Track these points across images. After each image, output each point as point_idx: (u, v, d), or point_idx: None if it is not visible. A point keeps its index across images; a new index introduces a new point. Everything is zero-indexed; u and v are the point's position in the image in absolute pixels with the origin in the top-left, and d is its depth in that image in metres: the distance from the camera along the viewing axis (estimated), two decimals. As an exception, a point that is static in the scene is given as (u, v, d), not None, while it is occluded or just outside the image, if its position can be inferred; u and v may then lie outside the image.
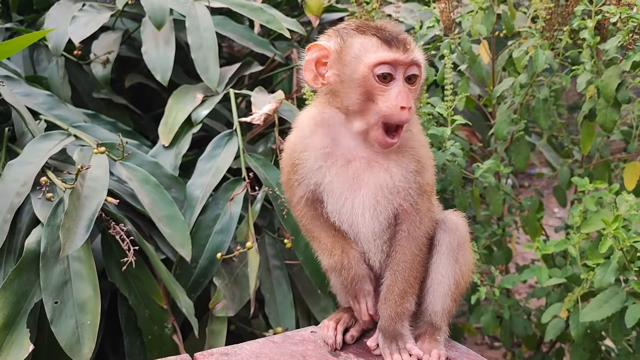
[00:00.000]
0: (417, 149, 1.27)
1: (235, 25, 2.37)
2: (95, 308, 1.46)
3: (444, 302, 1.29)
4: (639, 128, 2.01)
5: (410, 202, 1.24)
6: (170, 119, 2.01)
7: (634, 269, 1.53)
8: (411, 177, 1.24)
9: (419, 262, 1.27)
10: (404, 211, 1.25)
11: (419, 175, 1.25)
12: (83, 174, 1.59)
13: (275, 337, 1.34)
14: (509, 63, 2.14)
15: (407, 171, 1.24)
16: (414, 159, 1.25)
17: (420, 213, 1.25)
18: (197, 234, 1.78)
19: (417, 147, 1.27)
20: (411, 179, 1.24)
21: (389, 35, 1.17)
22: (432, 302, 1.30)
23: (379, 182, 1.23)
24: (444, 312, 1.30)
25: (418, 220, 1.26)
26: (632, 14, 1.57)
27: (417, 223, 1.26)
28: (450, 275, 1.29)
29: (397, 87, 1.16)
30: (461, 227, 1.32)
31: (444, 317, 1.30)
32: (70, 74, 2.31)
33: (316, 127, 1.27)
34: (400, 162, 1.24)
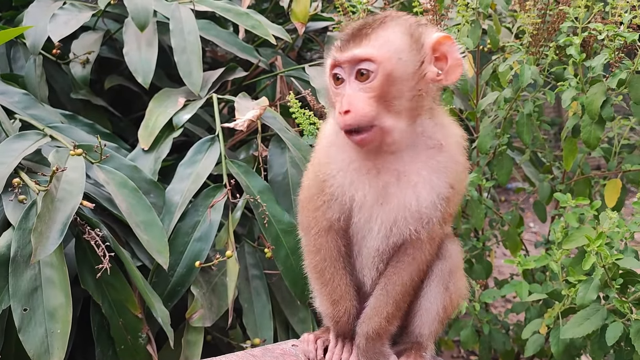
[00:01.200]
0: (454, 173, 1.12)
1: (219, 30, 2.34)
2: (66, 316, 1.40)
3: (431, 325, 1.25)
4: (620, 146, 2.03)
5: (428, 230, 1.12)
6: (151, 123, 1.96)
7: (615, 286, 1.53)
8: (440, 204, 1.10)
9: (413, 288, 1.19)
10: (417, 237, 1.14)
11: (448, 203, 1.11)
12: (58, 176, 1.54)
13: (254, 350, 1.30)
14: (492, 77, 2.15)
15: (437, 197, 1.10)
16: (447, 183, 1.11)
17: (432, 241, 1.16)
18: (175, 241, 1.73)
19: (454, 169, 1.11)
20: (439, 207, 1.10)
21: (344, 35, 1.08)
22: (419, 326, 1.25)
23: (405, 201, 1.10)
24: (431, 334, 1.26)
25: (427, 248, 1.16)
26: (619, 31, 1.58)
27: (425, 250, 1.16)
28: (439, 302, 1.23)
29: (344, 90, 1.05)
30: (454, 254, 1.25)
31: (431, 337, 1.27)
32: (48, 73, 2.25)
33: (337, 137, 1.13)
34: (432, 183, 1.10)
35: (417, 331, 1.26)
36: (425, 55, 1.06)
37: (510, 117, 2.02)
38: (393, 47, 1.04)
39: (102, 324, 1.63)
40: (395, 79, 1.03)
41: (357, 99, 1.03)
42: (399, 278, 1.16)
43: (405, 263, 1.17)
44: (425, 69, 1.05)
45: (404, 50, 1.04)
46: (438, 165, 1.10)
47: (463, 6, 1.94)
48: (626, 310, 1.49)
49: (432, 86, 1.08)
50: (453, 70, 1.06)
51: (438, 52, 1.06)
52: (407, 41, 1.05)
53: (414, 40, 1.05)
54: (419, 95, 1.05)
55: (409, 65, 1.04)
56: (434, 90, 1.09)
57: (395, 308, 1.17)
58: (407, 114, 1.06)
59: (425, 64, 1.05)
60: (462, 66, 1.07)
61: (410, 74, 1.04)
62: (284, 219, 1.80)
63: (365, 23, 1.07)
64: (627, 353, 1.61)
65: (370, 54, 1.03)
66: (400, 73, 1.04)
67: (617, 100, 1.79)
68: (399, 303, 1.17)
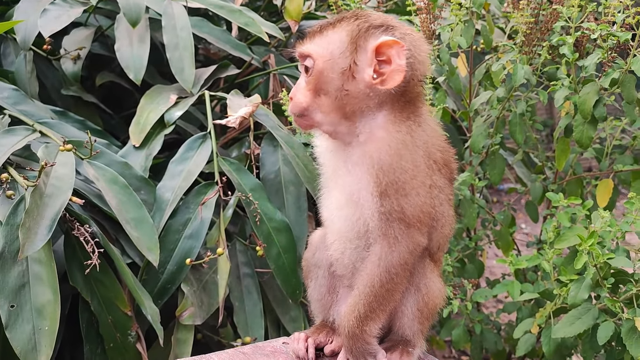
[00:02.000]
0: (379, 164, 1.09)
1: (212, 28, 2.33)
2: (54, 313, 1.38)
3: (411, 326, 1.23)
4: (612, 146, 2.04)
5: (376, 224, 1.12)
6: (142, 119, 1.94)
7: (607, 285, 1.53)
8: (370, 196, 1.10)
9: (388, 292, 1.14)
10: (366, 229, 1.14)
11: (384, 197, 1.09)
12: (47, 172, 1.52)
13: (245, 348, 1.29)
14: (486, 77, 2.15)
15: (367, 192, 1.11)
16: (369, 175, 1.10)
17: (389, 239, 1.12)
18: (165, 238, 1.71)
19: (379, 160, 1.09)
20: (374, 201, 1.10)
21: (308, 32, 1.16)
22: (400, 326, 1.24)
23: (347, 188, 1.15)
24: (414, 333, 1.24)
25: (388, 247, 1.12)
26: (612, 31, 1.59)
27: (388, 250, 1.12)
28: (413, 302, 1.21)
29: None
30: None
31: (416, 336, 1.25)
32: (38, 69, 2.22)
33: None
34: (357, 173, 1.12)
35: (401, 332, 1.25)
36: (362, 58, 1.09)
37: (503, 116, 2.02)
38: (329, 47, 1.10)
39: (91, 321, 1.62)
40: (325, 76, 1.10)
41: (298, 90, 1.14)
42: (369, 280, 1.14)
43: (373, 264, 1.14)
44: (355, 71, 1.09)
45: (337, 51, 1.09)
46: (370, 160, 1.10)
47: (456, 5, 1.94)
48: (617, 309, 1.49)
49: (369, 90, 1.09)
50: (392, 76, 1.08)
51: (384, 55, 1.08)
52: (344, 43, 1.09)
53: (352, 42, 1.09)
54: (346, 95, 1.09)
55: (338, 66, 1.09)
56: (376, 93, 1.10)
57: (368, 310, 1.14)
58: (339, 110, 1.11)
59: (358, 66, 1.09)
60: (404, 72, 1.08)
61: (338, 74, 1.09)
62: (275, 217, 1.79)
63: (325, 22, 1.14)
64: (618, 353, 1.62)
65: (308, 51, 1.11)
66: (329, 72, 1.10)
67: (610, 101, 1.80)
68: (371, 305, 1.14)
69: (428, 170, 1.13)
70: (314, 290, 1.32)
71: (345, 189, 1.15)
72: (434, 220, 1.18)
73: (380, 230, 1.12)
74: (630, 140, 2.04)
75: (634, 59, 1.57)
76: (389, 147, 1.10)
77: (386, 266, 1.13)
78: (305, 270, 1.34)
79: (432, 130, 1.18)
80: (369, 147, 1.11)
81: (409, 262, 1.14)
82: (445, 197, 1.20)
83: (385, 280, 1.13)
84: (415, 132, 1.12)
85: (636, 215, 1.56)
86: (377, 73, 1.08)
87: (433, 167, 1.15)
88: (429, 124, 1.17)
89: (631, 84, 1.62)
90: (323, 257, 1.29)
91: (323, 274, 1.30)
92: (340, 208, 1.18)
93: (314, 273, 1.32)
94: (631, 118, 1.72)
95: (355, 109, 1.11)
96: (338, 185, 1.18)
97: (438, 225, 1.20)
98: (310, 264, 1.32)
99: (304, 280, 1.36)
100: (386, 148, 1.10)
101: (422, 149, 1.13)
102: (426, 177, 1.13)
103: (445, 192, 1.20)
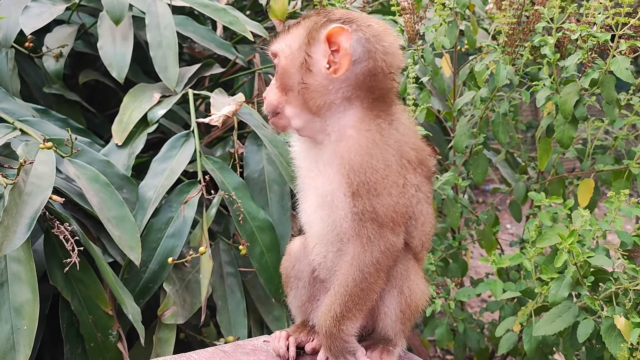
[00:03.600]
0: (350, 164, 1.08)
1: (197, 26, 2.32)
2: (33, 312, 1.37)
3: (394, 327, 1.23)
4: (593, 146, 2.06)
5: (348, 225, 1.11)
6: (125, 117, 1.93)
7: (587, 284, 1.54)
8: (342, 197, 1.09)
9: (362, 291, 1.13)
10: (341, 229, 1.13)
11: (356, 198, 1.08)
12: (27, 170, 1.50)
13: (225, 346, 1.29)
14: (470, 78, 2.16)
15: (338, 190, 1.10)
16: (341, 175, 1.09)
17: (362, 240, 1.11)
18: (147, 237, 1.70)
19: (349, 160, 1.08)
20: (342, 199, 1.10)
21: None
22: (383, 328, 1.24)
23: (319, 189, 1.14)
24: (396, 333, 1.24)
25: (361, 247, 1.11)
26: (592, 32, 1.60)
27: (361, 250, 1.11)
28: (395, 304, 1.20)
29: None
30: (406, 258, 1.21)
31: (398, 336, 1.25)
32: (20, 67, 2.20)
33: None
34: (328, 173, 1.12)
35: (383, 333, 1.25)
36: (316, 50, 1.09)
37: (486, 116, 2.03)
38: (290, 43, 1.12)
39: (72, 321, 1.60)
40: (287, 72, 1.12)
41: (269, 89, 1.16)
42: (343, 279, 1.13)
43: (347, 263, 1.13)
44: (311, 64, 1.09)
45: (295, 46, 1.11)
46: (341, 160, 1.09)
47: (440, 5, 1.95)
48: (597, 307, 1.51)
49: (329, 82, 1.09)
50: (341, 62, 1.08)
51: (335, 45, 1.08)
52: (301, 38, 1.11)
53: (309, 36, 1.10)
54: (306, 89, 1.10)
55: (296, 60, 1.11)
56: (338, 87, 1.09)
57: (344, 309, 1.13)
58: (304, 106, 1.11)
59: (312, 58, 1.09)
60: (350, 55, 1.07)
61: (297, 68, 1.11)
62: (259, 216, 1.79)
63: (293, 21, 1.16)
64: (598, 350, 1.63)
65: (274, 49, 1.14)
66: (289, 67, 1.12)
67: (591, 101, 1.81)
68: (347, 305, 1.13)
69: (401, 169, 1.12)
70: (295, 299, 1.31)
71: (318, 190, 1.15)
72: (413, 219, 1.18)
73: (353, 230, 1.11)
74: (612, 141, 2.06)
75: (613, 59, 1.59)
76: (359, 147, 1.09)
77: (359, 266, 1.12)
78: (285, 279, 1.32)
79: (405, 128, 1.16)
80: (340, 147, 1.10)
81: (382, 262, 1.13)
82: (423, 196, 1.19)
83: (359, 280, 1.12)
84: (385, 131, 1.11)
85: (616, 215, 1.58)
86: (331, 63, 1.08)
87: (407, 166, 1.13)
88: (402, 122, 1.16)
89: (611, 85, 1.64)
90: (304, 269, 1.28)
91: (303, 285, 1.29)
92: (316, 211, 1.17)
93: (293, 284, 1.30)
94: (611, 118, 1.73)
95: (320, 104, 1.10)
96: (312, 187, 1.17)
97: (418, 224, 1.20)
98: (290, 275, 1.30)
99: (284, 287, 1.34)
100: (356, 147, 1.09)
101: (394, 148, 1.11)
102: (399, 176, 1.11)
103: (423, 190, 1.19)
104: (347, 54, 1.07)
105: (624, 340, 1.41)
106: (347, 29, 1.07)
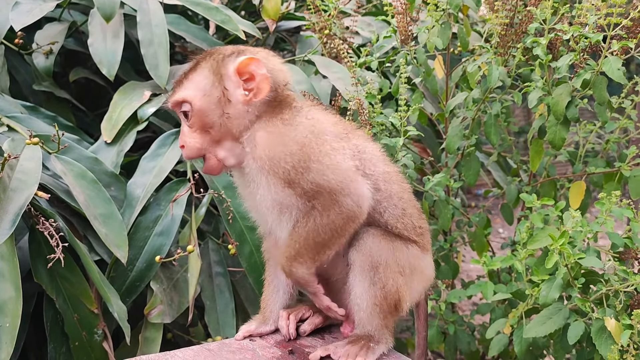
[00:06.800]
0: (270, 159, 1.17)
1: (189, 25, 2.31)
2: (16, 310, 1.34)
3: (371, 320, 1.24)
4: (585, 149, 2.06)
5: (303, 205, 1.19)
6: (115, 115, 1.91)
7: (577, 285, 1.53)
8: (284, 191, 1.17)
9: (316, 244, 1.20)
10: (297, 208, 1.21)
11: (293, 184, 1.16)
12: (12, 166, 1.48)
13: (211, 345, 1.27)
14: (462, 79, 2.16)
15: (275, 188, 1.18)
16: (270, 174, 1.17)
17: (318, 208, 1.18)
18: (135, 235, 1.68)
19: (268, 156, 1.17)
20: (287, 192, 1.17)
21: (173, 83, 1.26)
22: (360, 322, 1.26)
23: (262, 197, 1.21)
24: (376, 328, 1.25)
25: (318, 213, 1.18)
26: (584, 32, 1.60)
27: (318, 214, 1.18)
28: (367, 296, 1.23)
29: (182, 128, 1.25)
30: (375, 250, 1.24)
31: (380, 332, 1.25)
32: (9, 63, 2.18)
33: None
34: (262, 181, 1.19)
35: (362, 326, 1.26)
36: (229, 83, 1.19)
37: (479, 118, 2.02)
38: (198, 86, 1.21)
39: (56, 319, 1.58)
40: (205, 112, 1.20)
41: (186, 135, 1.22)
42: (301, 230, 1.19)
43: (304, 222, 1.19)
44: (229, 96, 1.19)
45: (207, 87, 1.20)
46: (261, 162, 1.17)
47: (433, 6, 1.94)
48: (588, 309, 1.50)
49: (247, 106, 1.20)
50: (261, 86, 1.19)
51: (246, 74, 1.19)
52: (210, 77, 1.20)
53: (216, 74, 1.20)
54: (229, 118, 1.19)
55: (213, 98, 1.20)
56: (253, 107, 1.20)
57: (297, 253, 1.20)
58: (228, 134, 1.21)
59: (229, 91, 1.19)
60: (269, 79, 1.19)
61: (215, 105, 1.20)
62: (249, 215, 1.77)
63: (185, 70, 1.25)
64: (588, 352, 1.62)
65: (183, 97, 1.21)
66: (207, 106, 1.20)
67: (583, 103, 1.81)
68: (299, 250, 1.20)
69: (322, 141, 1.18)
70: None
71: (266, 202, 1.20)
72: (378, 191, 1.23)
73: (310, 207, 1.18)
74: (603, 144, 2.06)
75: (604, 60, 1.59)
76: (269, 142, 1.18)
77: (315, 225, 1.18)
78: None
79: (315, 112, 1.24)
80: (256, 152, 1.18)
81: (337, 223, 1.18)
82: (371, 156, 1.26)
83: (313, 235, 1.19)
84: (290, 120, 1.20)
85: (607, 216, 1.57)
86: (247, 90, 1.19)
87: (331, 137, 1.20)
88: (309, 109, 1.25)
89: (602, 85, 1.63)
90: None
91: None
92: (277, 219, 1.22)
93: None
94: (603, 119, 1.73)
95: (242, 128, 1.20)
96: (261, 205, 1.22)
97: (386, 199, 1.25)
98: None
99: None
100: (268, 144, 1.17)
101: (306, 128, 1.19)
102: (321, 146, 1.18)
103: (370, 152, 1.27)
104: (265, 78, 1.19)
105: (615, 342, 1.41)
106: (257, 58, 1.19)
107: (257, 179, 1.19)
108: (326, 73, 2.06)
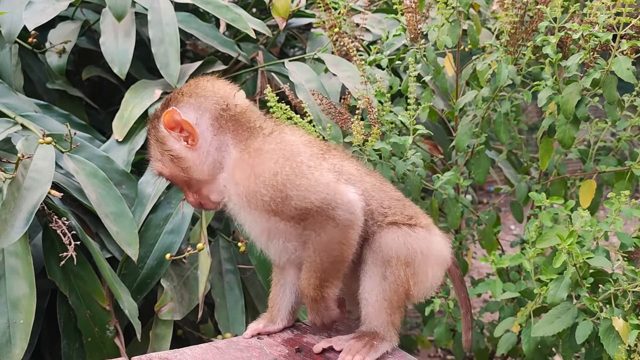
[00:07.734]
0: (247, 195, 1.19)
1: (200, 23, 2.32)
2: (29, 306, 1.38)
3: (378, 316, 1.24)
4: (596, 148, 2.04)
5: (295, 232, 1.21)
6: (126, 113, 1.93)
7: (586, 285, 1.53)
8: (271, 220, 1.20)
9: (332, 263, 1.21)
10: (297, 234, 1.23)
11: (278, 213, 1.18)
12: (26, 165, 1.51)
13: (219, 343, 1.29)
14: (472, 77, 2.15)
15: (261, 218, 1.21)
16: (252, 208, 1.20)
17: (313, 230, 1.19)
18: (146, 233, 1.71)
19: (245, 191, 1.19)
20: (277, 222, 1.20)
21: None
22: (367, 318, 1.26)
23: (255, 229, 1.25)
24: (382, 325, 1.25)
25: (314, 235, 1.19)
26: (594, 31, 1.59)
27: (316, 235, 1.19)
28: (377, 292, 1.23)
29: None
30: (385, 247, 1.23)
31: (385, 329, 1.25)
32: (24, 62, 2.20)
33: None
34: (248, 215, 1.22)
35: (368, 321, 1.26)
36: (170, 142, 1.24)
37: (488, 116, 2.02)
38: (156, 158, 1.28)
39: (69, 316, 1.61)
40: (173, 175, 1.27)
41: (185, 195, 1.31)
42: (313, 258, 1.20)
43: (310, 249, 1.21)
44: (177, 153, 1.24)
45: (159, 156, 1.27)
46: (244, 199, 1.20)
47: (442, 4, 1.94)
48: (596, 309, 1.50)
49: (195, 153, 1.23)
50: (191, 132, 1.22)
51: (176, 125, 1.22)
52: (157, 146, 1.27)
53: (158, 141, 1.26)
54: (189, 169, 1.23)
55: (167, 161, 1.26)
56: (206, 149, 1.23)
57: (322, 279, 1.21)
58: (203, 181, 1.25)
59: (175, 149, 1.24)
60: (188, 122, 1.21)
61: (174, 166, 1.25)
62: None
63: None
64: (596, 352, 1.62)
65: (155, 171, 1.29)
66: (171, 171, 1.26)
67: (594, 102, 1.80)
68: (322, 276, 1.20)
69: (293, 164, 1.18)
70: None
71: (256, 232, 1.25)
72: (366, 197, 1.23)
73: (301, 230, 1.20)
74: (615, 142, 2.04)
75: (614, 59, 1.58)
76: (242, 176, 1.19)
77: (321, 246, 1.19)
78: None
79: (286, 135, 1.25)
80: (235, 189, 1.21)
81: (339, 235, 1.19)
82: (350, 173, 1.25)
83: (326, 256, 1.20)
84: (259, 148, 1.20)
85: (616, 216, 1.57)
86: (184, 139, 1.23)
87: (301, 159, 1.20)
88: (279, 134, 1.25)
89: (612, 85, 1.62)
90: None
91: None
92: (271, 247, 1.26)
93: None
94: (613, 118, 1.72)
95: (212, 170, 1.24)
96: (251, 234, 1.27)
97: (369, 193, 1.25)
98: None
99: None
100: (241, 179, 1.19)
101: (274, 153, 1.19)
102: (298, 168, 1.18)
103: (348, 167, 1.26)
104: (186, 123, 1.21)
105: (622, 341, 1.40)
106: (170, 109, 1.21)
107: (243, 214, 1.23)
108: (335, 71, 2.07)
